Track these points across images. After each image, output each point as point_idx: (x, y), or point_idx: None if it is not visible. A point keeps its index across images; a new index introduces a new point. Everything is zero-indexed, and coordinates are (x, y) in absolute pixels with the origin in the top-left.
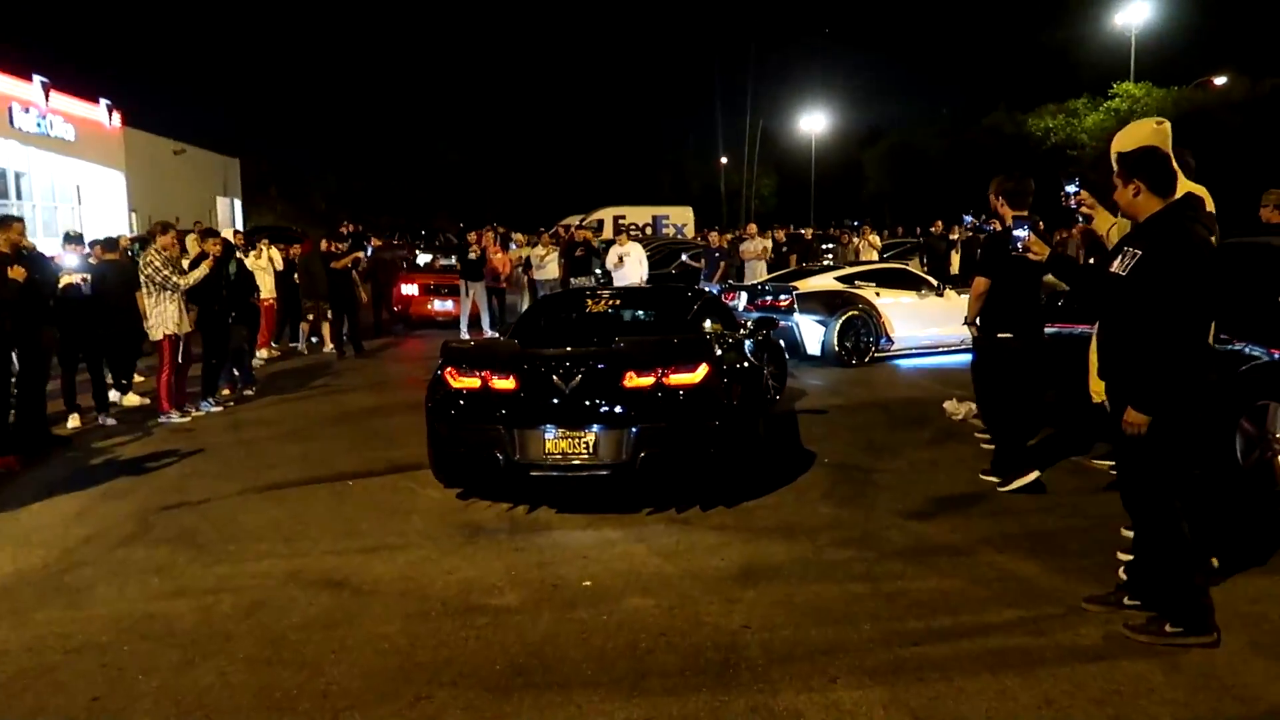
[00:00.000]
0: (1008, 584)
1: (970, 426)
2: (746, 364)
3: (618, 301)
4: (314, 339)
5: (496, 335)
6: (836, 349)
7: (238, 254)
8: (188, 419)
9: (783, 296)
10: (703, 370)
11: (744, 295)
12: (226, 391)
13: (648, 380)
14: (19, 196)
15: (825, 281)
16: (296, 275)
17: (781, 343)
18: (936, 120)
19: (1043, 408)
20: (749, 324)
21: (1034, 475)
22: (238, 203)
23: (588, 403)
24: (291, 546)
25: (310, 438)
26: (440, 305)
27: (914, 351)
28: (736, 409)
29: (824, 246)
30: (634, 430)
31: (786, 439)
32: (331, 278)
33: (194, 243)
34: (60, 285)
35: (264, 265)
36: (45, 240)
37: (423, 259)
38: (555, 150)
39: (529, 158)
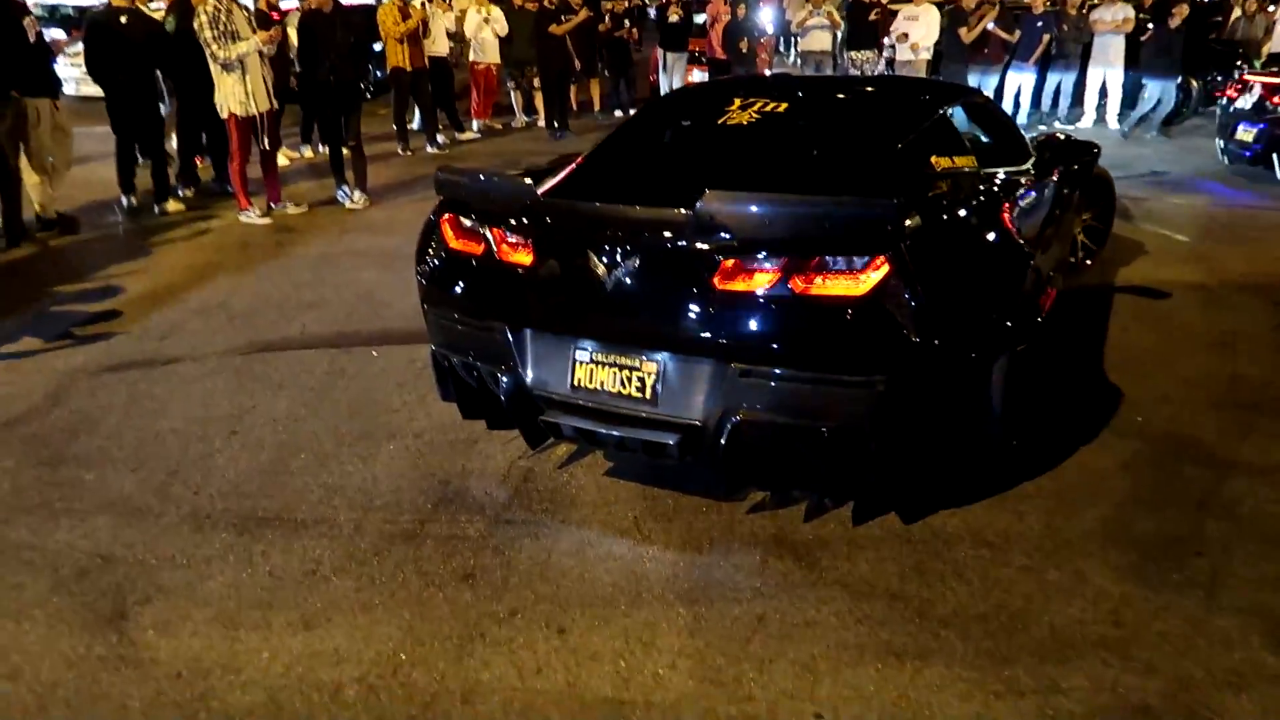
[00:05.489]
0: None
1: None
2: (992, 250)
3: (785, 108)
4: (528, 117)
5: None
6: None
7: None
8: (267, 220)
9: None
10: (877, 273)
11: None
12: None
13: (763, 279)
14: None
15: None
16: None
17: (1112, 176)
18: None
19: None
20: (1047, 154)
21: None
22: None
23: (647, 308)
24: (131, 498)
25: (400, 264)
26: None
27: None
28: (943, 350)
29: None
30: (728, 373)
31: (1080, 347)
32: (542, 42)
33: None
34: None
35: (476, 25)
36: None
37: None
38: None
39: None
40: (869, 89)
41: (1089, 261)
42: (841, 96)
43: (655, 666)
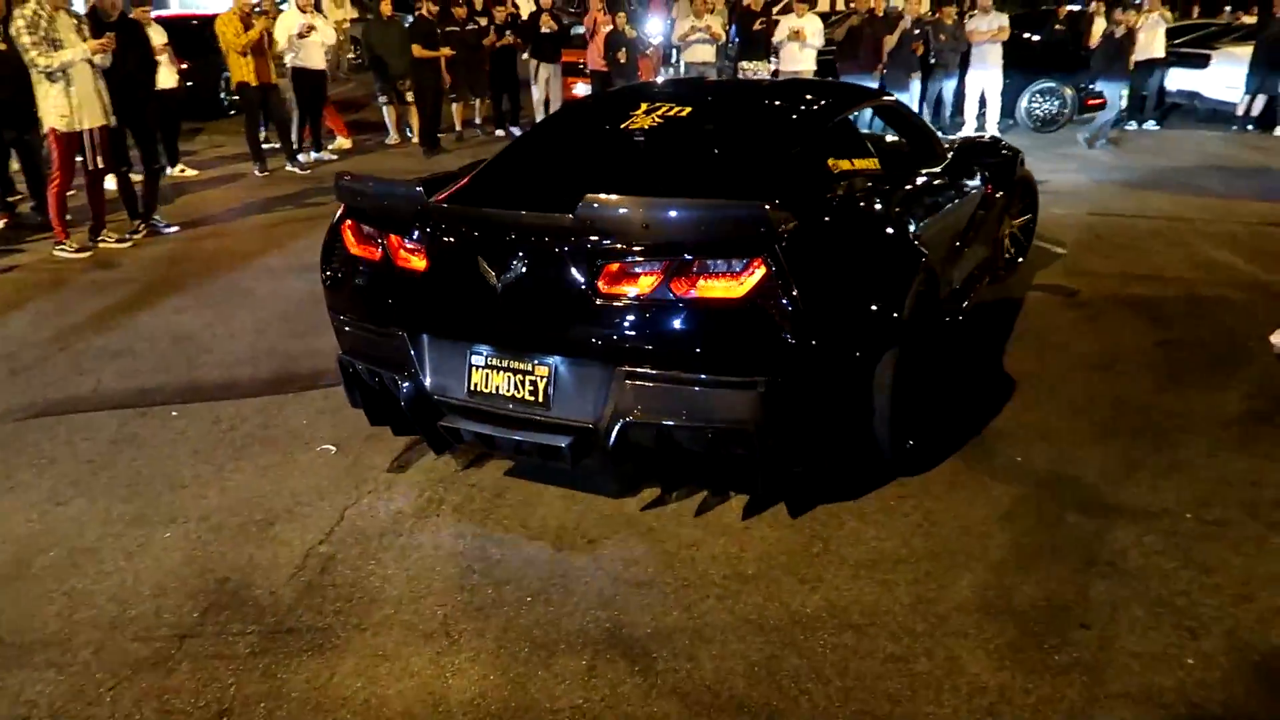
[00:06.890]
0: None
1: None
2: (881, 252)
3: (688, 113)
4: (405, 136)
5: None
6: None
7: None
8: (87, 254)
9: None
10: (754, 275)
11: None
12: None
13: (645, 282)
14: None
15: None
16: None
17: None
18: None
19: None
20: (965, 156)
21: None
22: None
23: (537, 312)
24: None
25: (234, 302)
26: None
27: None
28: (824, 350)
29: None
30: (615, 375)
31: (962, 371)
32: (416, 62)
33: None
34: None
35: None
36: None
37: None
38: None
39: None
40: (774, 93)
41: (1020, 260)
42: (745, 101)
43: None
